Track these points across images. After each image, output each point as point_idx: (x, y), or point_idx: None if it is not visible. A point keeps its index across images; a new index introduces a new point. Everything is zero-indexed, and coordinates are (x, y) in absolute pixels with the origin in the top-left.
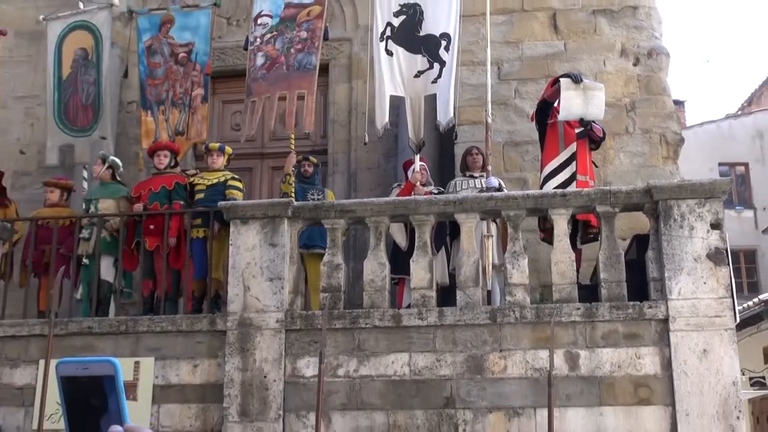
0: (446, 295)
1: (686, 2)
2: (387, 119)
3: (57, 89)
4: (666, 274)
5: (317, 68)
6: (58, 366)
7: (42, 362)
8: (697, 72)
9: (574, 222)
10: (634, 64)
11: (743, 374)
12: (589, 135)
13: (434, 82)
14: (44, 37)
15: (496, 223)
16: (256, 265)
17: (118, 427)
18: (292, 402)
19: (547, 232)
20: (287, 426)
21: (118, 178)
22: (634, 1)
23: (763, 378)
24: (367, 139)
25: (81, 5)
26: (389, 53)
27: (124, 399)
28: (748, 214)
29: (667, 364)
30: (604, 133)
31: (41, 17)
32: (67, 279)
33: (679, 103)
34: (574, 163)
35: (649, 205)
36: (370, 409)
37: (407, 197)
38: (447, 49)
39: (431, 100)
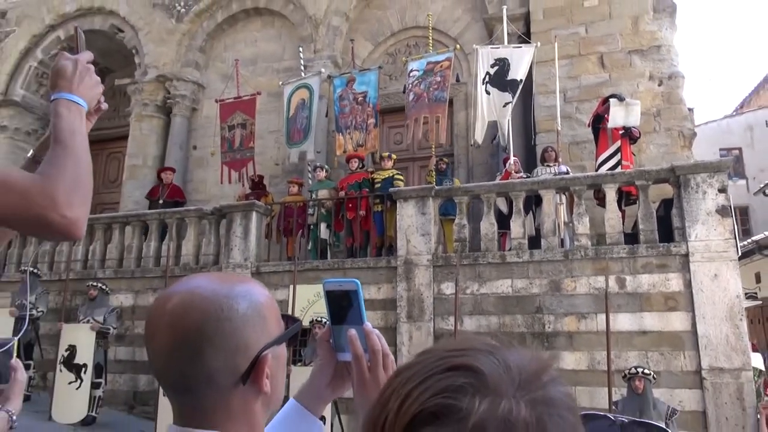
0: (534, 242)
1: (693, 32)
2: (484, 134)
3: (286, 124)
4: (686, 224)
5: (447, 100)
6: (324, 283)
7: (291, 287)
8: (704, 86)
9: (619, 192)
10: (659, 85)
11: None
12: (630, 135)
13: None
14: (282, 95)
15: (565, 195)
16: (414, 227)
17: (368, 324)
18: (438, 310)
19: (600, 199)
20: (436, 324)
21: (329, 177)
22: (658, 42)
23: (755, 293)
24: (472, 143)
25: (303, 74)
26: (487, 92)
27: (363, 306)
28: (742, 182)
29: (688, 284)
30: (639, 133)
31: (280, 83)
32: (303, 237)
33: (690, 109)
34: (619, 154)
35: (673, 178)
36: (487, 314)
37: (507, 181)
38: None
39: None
